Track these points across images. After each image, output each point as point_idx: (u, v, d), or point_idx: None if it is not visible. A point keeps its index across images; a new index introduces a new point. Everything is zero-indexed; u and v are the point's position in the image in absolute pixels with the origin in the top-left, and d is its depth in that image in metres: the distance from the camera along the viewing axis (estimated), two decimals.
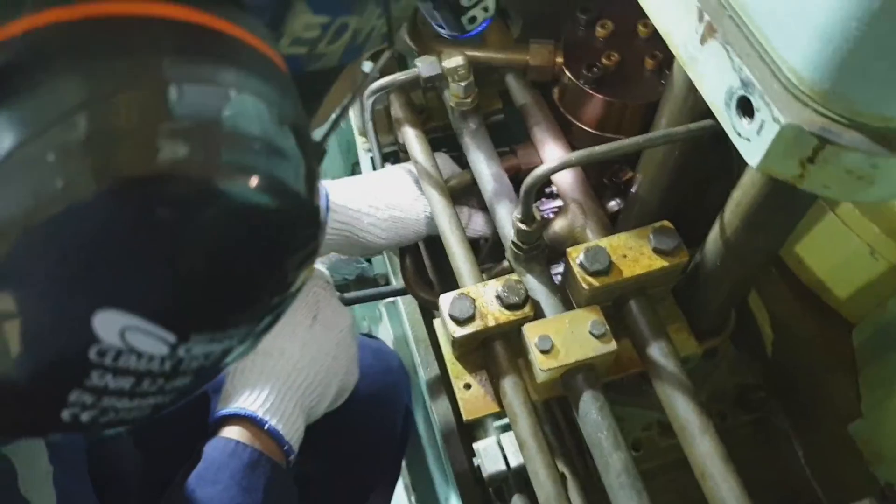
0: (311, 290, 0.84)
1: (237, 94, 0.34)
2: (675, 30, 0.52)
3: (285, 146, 0.35)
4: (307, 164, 0.37)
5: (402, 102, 0.92)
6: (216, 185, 0.32)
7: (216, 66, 0.34)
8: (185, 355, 0.36)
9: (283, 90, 0.37)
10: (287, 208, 0.35)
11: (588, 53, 0.81)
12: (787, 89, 0.42)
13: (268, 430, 0.72)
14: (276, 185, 0.34)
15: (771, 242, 0.66)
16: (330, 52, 0.44)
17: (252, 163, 0.34)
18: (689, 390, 0.68)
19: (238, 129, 0.33)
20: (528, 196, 0.66)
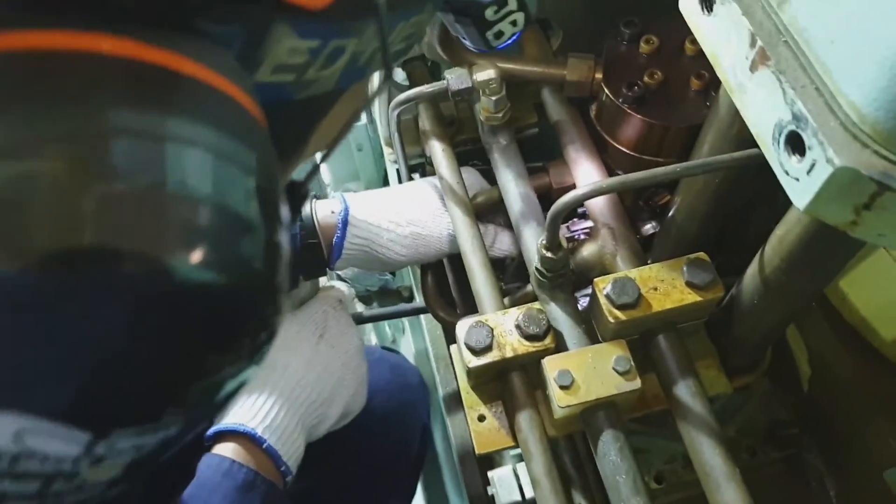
0: (321, 308, 0.82)
1: (188, 150, 0.29)
2: (723, 53, 0.48)
3: (242, 211, 0.31)
4: (268, 233, 0.32)
5: (430, 115, 0.88)
6: (151, 260, 0.28)
7: (167, 116, 0.29)
8: (107, 452, 0.31)
9: (247, 141, 0.32)
10: (238, 286, 0.30)
11: (629, 70, 0.77)
12: (844, 127, 0.38)
13: (265, 448, 0.70)
14: (227, 260, 0.30)
15: (814, 285, 0.62)
16: (323, 77, 0.39)
17: (197, 233, 0.29)
18: (715, 434, 0.64)
19: (185, 192, 0.29)
20: (554, 223, 0.63)
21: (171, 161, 0.28)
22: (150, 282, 0.28)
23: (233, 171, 0.30)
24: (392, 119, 0.86)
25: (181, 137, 0.29)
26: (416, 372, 1.11)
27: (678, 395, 0.66)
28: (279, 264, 0.33)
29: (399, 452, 1.04)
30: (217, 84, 0.31)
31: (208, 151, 0.30)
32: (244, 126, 0.32)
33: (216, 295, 0.30)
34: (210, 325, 0.31)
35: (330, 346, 0.79)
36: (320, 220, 0.82)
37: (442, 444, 1.22)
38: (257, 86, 0.35)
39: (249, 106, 0.33)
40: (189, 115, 0.30)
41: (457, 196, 0.81)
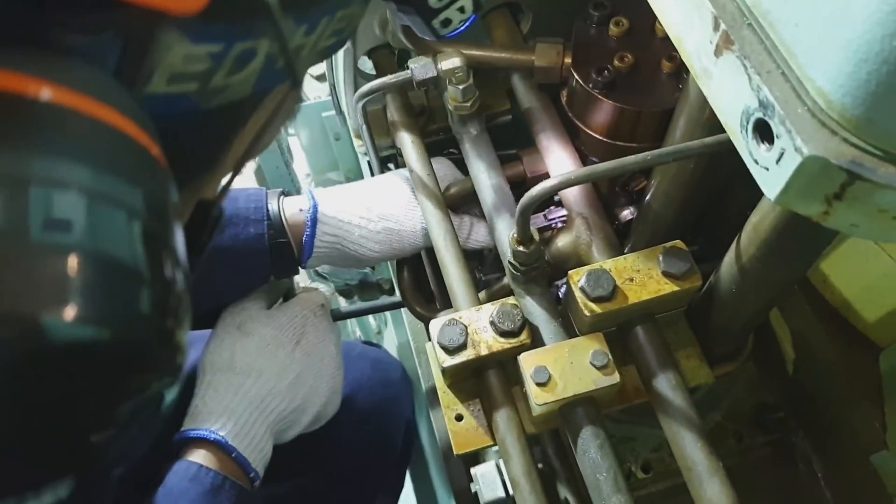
0: (302, 312, 0.80)
1: (52, 191, 0.26)
2: (687, 37, 0.46)
3: (125, 257, 0.27)
4: (156, 275, 0.29)
5: (398, 105, 0.86)
6: (18, 321, 0.24)
7: (21, 151, 0.26)
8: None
9: (127, 173, 0.28)
10: (124, 338, 0.27)
11: (599, 54, 0.75)
12: (812, 114, 0.36)
13: (235, 457, 0.69)
14: (107, 313, 0.27)
15: (791, 272, 0.60)
16: (234, 83, 0.36)
17: (69, 286, 0.25)
18: (697, 428, 0.62)
19: (51, 241, 0.25)
20: (524, 216, 0.61)
21: (33, 205, 0.25)
22: (19, 343, 0.25)
23: (111, 212, 0.27)
24: (358, 111, 0.84)
25: (46, 178, 0.26)
26: (398, 366, 1.09)
27: (658, 389, 0.65)
28: (170, 307, 0.30)
29: (383, 448, 1.03)
30: (85, 108, 0.28)
31: (79, 192, 0.26)
32: (126, 158, 0.29)
33: (101, 350, 0.27)
34: (99, 381, 0.28)
35: (306, 354, 0.77)
36: (288, 218, 0.80)
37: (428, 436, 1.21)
38: (153, 99, 0.32)
39: (133, 132, 0.29)
40: (56, 150, 0.26)
41: (428, 189, 0.79)
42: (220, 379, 0.73)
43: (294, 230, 0.79)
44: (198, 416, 0.71)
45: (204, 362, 0.76)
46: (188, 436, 0.70)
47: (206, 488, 0.66)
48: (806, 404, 0.90)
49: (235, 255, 0.75)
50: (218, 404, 0.71)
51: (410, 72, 0.76)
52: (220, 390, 0.72)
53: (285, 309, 0.80)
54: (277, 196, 0.80)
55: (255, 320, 0.77)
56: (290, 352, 0.76)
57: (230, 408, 0.71)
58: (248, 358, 0.74)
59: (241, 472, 0.70)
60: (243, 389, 0.72)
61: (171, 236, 0.31)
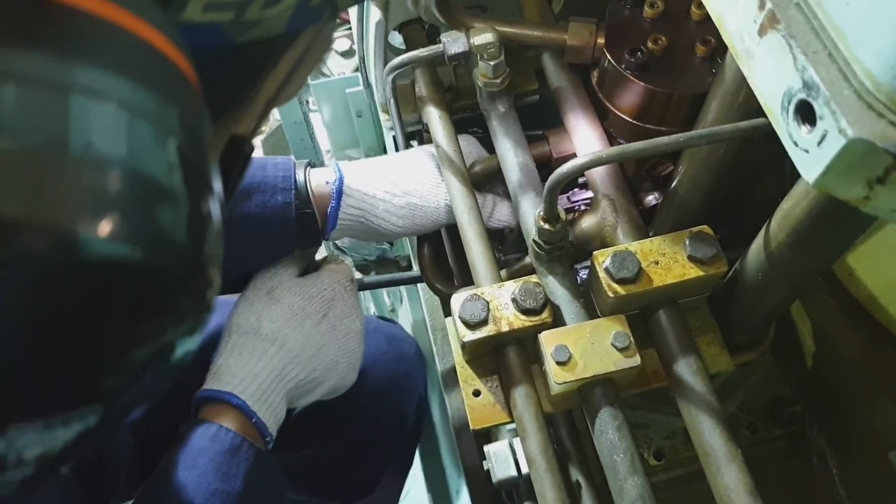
0: (332, 284, 0.80)
1: (93, 102, 0.25)
2: (729, 16, 0.45)
3: (160, 175, 0.27)
4: (193, 202, 0.28)
5: (427, 80, 0.85)
6: (53, 232, 0.24)
7: (64, 59, 0.25)
8: (8, 449, 0.28)
9: (167, 93, 0.28)
10: (158, 261, 0.27)
11: (632, 35, 0.74)
12: (859, 96, 0.36)
13: (255, 422, 0.70)
14: (143, 232, 0.26)
15: (820, 261, 0.60)
16: (268, 17, 0.34)
17: (106, 201, 0.25)
18: (716, 413, 0.62)
19: (90, 152, 0.24)
20: (551, 194, 0.60)
21: (76, 116, 0.24)
22: (53, 257, 0.24)
23: (150, 130, 0.26)
24: (387, 84, 0.83)
25: (87, 88, 0.25)
26: (412, 342, 1.10)
27: (678, 373, 0.65)
28: (207, 237, 0.29)
29: (395, 423, 1.04)
30: (127, 24, 0.27)
31: (121, 106, 0.26)
32: (164, 76, 0.28)
33: (132, 272, 0.26)
34: (126, 306, 0.27)
35: (331, 327, 0.78)
36: (314, 189, 0.80)
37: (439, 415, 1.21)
38: (187, 26, 0.31)
39: (169, 52, 0.29)
40: (93, 59, 0.25)
41: (453, 165, 0.78)
42: (245, 342, 0.73)
43: (319, 201, 0.79)
44: (221, 376, 0.72)
45: (231, 323, 0.76)
46: (210, 395, 0.71)
47: (225, 447, 0.67)
48: (824, 398, 0.89)
49: (263, 222, 0.76)
50: (241, 368, 0.72)
51: (442, 46, 0.76)
52: (244, 354, 0.73)
53: (315, 280, 0.80)
54: (304, 167, 0.80)
55: (285, 287, 0.78)
56: (316, 324, 0.77)
57: (252, 373, 0.72)
58: (274, 325, 0.75)
59: (258, 435, 0.71)
60: (267, 356, 0.73)
61: (206, 164, 0.30)
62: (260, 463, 0.70)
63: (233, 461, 0.68)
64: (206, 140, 0.30)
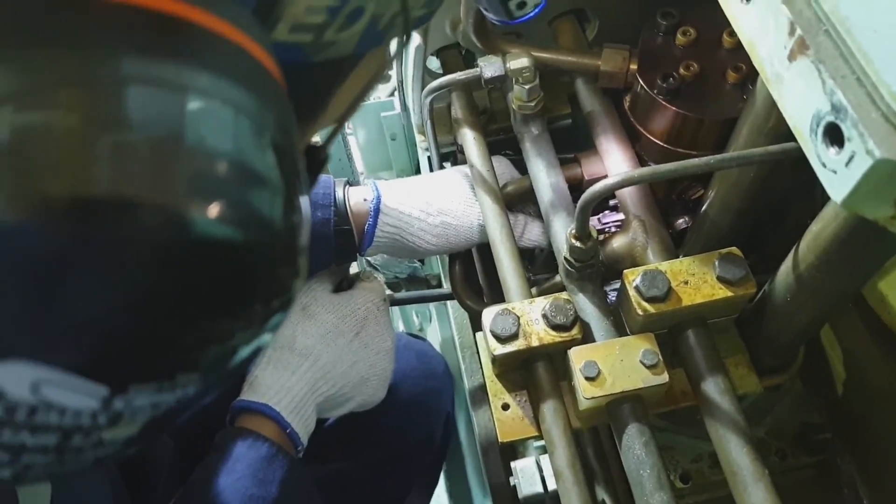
0: (365, 303, 0.82)
1: (205, 102, 0.28)
2: (760, 42, 0.47)
3: (261, 167, 0.30)
4: (287, 191, 0.31)
5: (462, 103, 0.88)
6: (168, 213, 0.27)
7: (182, 66, 0.28)
8: (125, 408, 0.31)
9: (265, 97, 0.31)
10: (256, 243, 0.30)
11: (665, 62, 0.76)
12: (886, 118, 0.37)
13: (289, 433, 0.73)
14: (245, 216, 0.29)
15: (850, 284, 0.60)
16: (341, 39, 0.38)
17: (215, 187, 0.28)
18: (744, 433, 0.63)
19: (202, 144, 0.28)
20: (584, 212, 0.62)
21: (189, 112, 0.28)
22: (167, 234, 0.27)
23: (252, 127, 0.30)
24: (425, 106, 0.86)
25: (198, 89, 0.28)
26: (441, 360, 1.11)
27: (706, 392, 0.65)
28: (299, 226, 0.32)
29: (423, 440, 1.05)
30: (234, 37, 0.30)
31: (227, 105, 0.29)
32: (262, 83, 0.31)
33: (235, 252, 0.29)
34: (227, 282, 0.30)
35: (363, 345, 0.80)
36: (353, 206, 0.82)
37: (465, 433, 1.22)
38: (275, 45, 0.34)
39: (267, 63, 0.32)
40: (206, 66, 0.29)
41: (487, 184, 0.80)
42: (280, 356, 0.76)
43: (357, 219, 0.82)
44: (258, 388, 0.74)
45: None
46: (247, 406, 0.73)
47: (262, 455, 0.69)
48: (854, 427, 0.88)
49: None
50: (276, 381, 0.74)
51: (479, 69, 0.78)
52: (279, 367, 0.75)
53: (350, 298, 0.82)
54: (343, 185, 0.82)
55: (319, 304, 0.80)
56: (349, 341, 0.79)
57: (287, 385, 0.74)
58: (308, 341, 0.77)
59: (291, 444, 0.73)
60: (301, 370, 0.75)
61: (298, 162, 0.33)
62: (295, 472, 0.72)
63: (269, 468, 0.69)
64: (295, 141, 0.33)
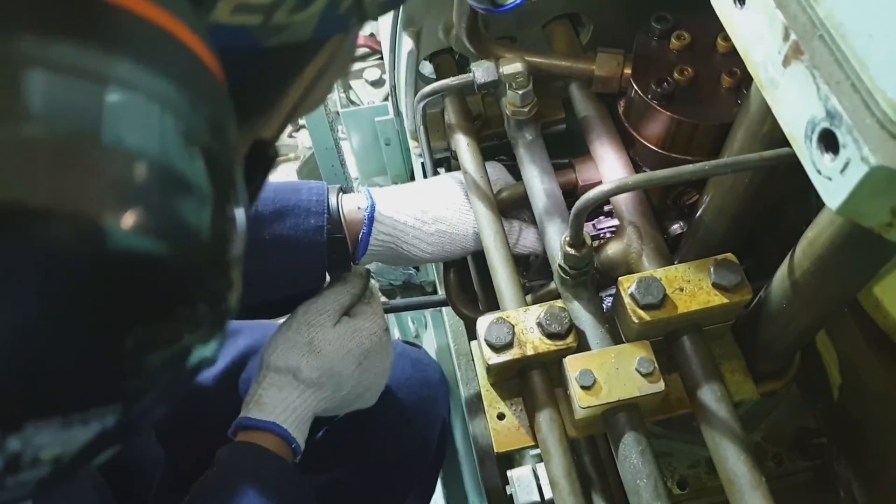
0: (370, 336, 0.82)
1: (126, 95, 0.24)
2: (754, 48, 0.46)
3: (187, 172, 0.26)
4: (217, 198, 0.27)
5: (456, 108, 0.87)
6: (79, 221, 0.23)
7: (98, 51, 0.24)
8: (24, 447, 0.26)
9: (196, 91, 0.27)
10: (181, 258, 0.26)
11: (659, 67, 0.75)
12: (881, 125, 0.37)
13: (294, 448, 0.75)
14: (169, 227, 0.25)
15: (845, 290, 0.60)
16: (296, 22, 0.34)
17: (134, 193, 0.24)
18: (741, 440, 0.62)
19: (120, 144, 0.24)
20: (578, 219, 0.61)
21: (107, 106, 0.24)
22: (74, 246, 0.23)
23: (179, 126, 0.26)
24: (417, 112, 0.85)
25: (117, 79, 0.24)
26: (437, 368, 1.10)
27: (702, 400, 0.65)
28: (230, 238, 0.29)
29: (418, 448, 1.04)
30: (159, 20, 0.26)
31: (151, 100, 0.25)
32: (194, 74, 0.28)
33: (155, 266, 0.25)
34: (144, 302, 0.26)
35: (364, 371, 0.81)
36: (346, 214, 0.81)
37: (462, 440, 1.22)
38: (215, 28, 0.31)
39: (200, 51, 0.28)
40: (126, 52, 0.25)
41: (481, 191, 0.80)
42: (284, 381, 0.77)
43: (350, 227, 0.81)
44: (264, 407, 0.76)
45: (270, 361, 0.79)
46: (254, 424, 0.75)
47: (265, 467, 0.71)
48: (850, 431, 0.88)
49: (295, 244, 0.78)
50: (281, 402, 0.76)
51: (472, 74, 0.78)
52: (283, 390, 0.77)
53: (354, 332, 0.82)
54: (337, 192, 0.82)
55: (325, 340, 0.80)
56: (352, 371, 0.80)
57: (293, 406, 0.76)
58: (313, 375, 0.78)
59: (293, 457, 0.76)
60: (305, 395, 0.77)
61: (233, 166, 0.30)
62: (297, 484, 0.73)
63: (272, 480, 0.71)
64: (232, 142, 0.30)
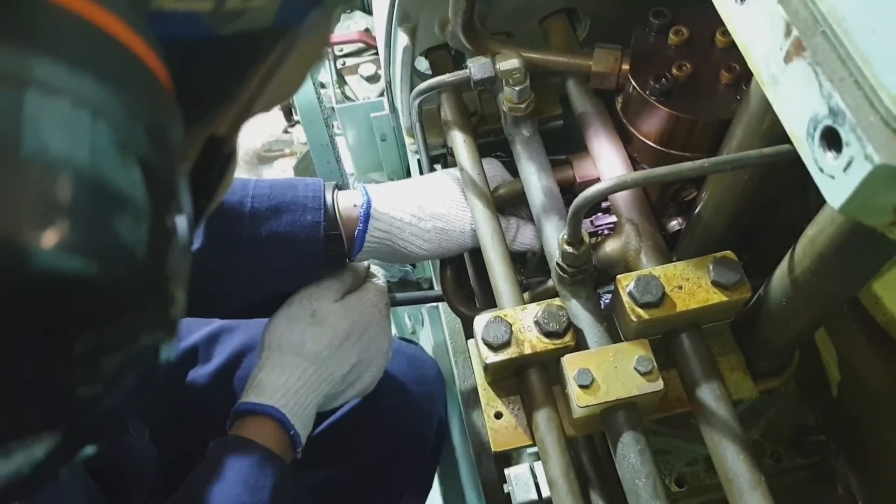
0: (370, 309, 0.82)
1: (50, 100, 0.22)
2: (755, 44, 0.46)
3: (121, 184, 0.24)
4: (156, 214, 0.25)
5: (452, 105, 0.87)
6: None
7: (17, 51, 0.22)
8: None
9: (132, 94, 0.25)
10: (113, 277, 0.24)
11: (657, 62, 0.75)
12: (885, 122, 0.36)
13: (292, 435, 0.74)
14: (98, 244, 0.23)
15: (845, 288, 0.59)
16: (252, 7, 0.31)
17: (62, 209, 0.22)
18: (740, 439, 0.62)
19: (43, 154, 0.22)
20: (576, 217, 0.61)
21: (30, 113, 0.22)
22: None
23: (112, 133, 0.24)
24: (413, 108, 0.85)
25: (45, 83, 0.22)
26: (433, 364, 1.10)
27: (701, 398, 0.64)
28: (169, 251, 0.27)
29: (415, 445, 1.04)
30: (91, 15, 0.24)
31: (81, 106, 0.23)
32: (130, 74, 0.25)
33: (85, 287, 0.23)
34: (76, 325, 0.24)
35: (365, 346, 0.81)
36: (342, 211, 0.81)
37: (459, 438, 1.21)
38: (160, 16, 0.29)
39: (137, 47, 0.26)
40: (57, 54, 0.23)
41: (477, 188, 0.79)
42: (287, 360, 0.76)
43: (347, 224, 0.80)
44: (263, 390, 0.75)
45: (271, 339, 0.79)
46: (252, 408, 0.74)
47: (253, 462, 0.70)
48: (849, 428, 0.88)
49: (291, 240, 0.77)
50: (283, 384, 0.75)
51: (469, 71, 0.77)
52: (285, 371, 0.76)
53: (356, 305, 0.82)
54: (333, 189, 0.81)
55: (329, 311, 0.80)
56: (353, 344, 0.80)
57: (293, 389, 0.75)
58: (316, 347, 0.77)
59: (291, 447, 0.75)
60: (307, 374, 0.76)
61: (173, 173, 0.27)
62: (286, 478, 0.72)
63: (260, 475, 0.69)
64: (174, 145, 0.28)
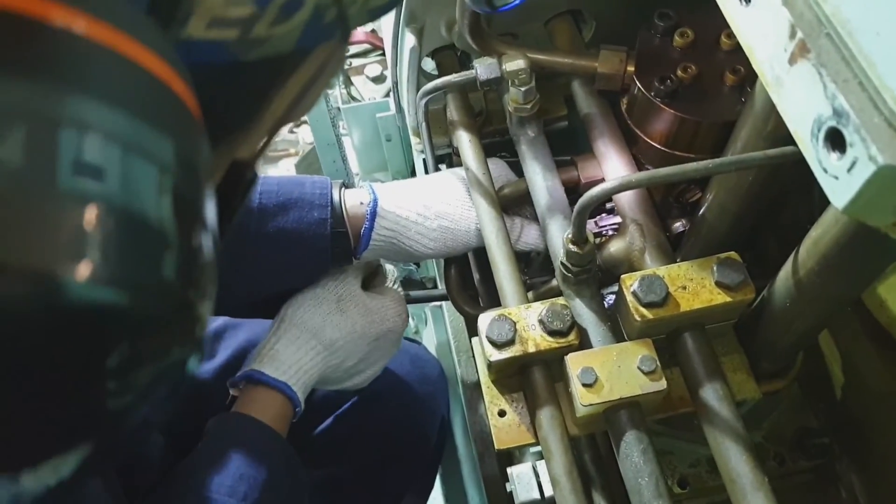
0: (394, 316, 0.83)
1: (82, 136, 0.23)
2: (760, 45, 0.46)
3: (154, 218, 0.25)
4: (184, 241, 0.26)
5: (458, 105, 0.87)
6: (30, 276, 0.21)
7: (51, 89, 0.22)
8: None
9: (164, 127, 0.26)
10: (144, 306, 0.25)
11: (663, 64, 0.75)
12: (889, 124, 0.36)
13: (297, 411, 0.75)
14: (129, 276, 0.24)
15: (850, 289, 0.60)
16: (277, 35, 0.32)
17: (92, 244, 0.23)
18: (743, 440, 0.62)
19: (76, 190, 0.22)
20: (580, 217, 0.61)
21: (64, 151, 0.22)
22: (29, 303, 0.22)
23: (143, 166, 0.24)
24: (420, 108, 0.85)
25: (78, 120, 0.23)
26: (436, 364, 1.10)
27: (704, 399, 0.65)
28: (198, 274, 0.27)
29: (417, 444, 1.04)
30: (122, 48, 0.24)
31: (113, 141, 0.24)
32: (160, 105, 0.26)
33: (117, 317, 0.24)
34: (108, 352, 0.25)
35: (375, 348, 0.82)
36: (349, 209, 0.81)
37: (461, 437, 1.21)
38: (189, 44, 0.30)
39: (166, 76, 0.26)
40: (88, 90, 0.23)
41: (482, 188, 0.79)
42: (304, 338, 0.77)
43: (353, 222, 0.81)
44: (274, 361, 0.75)
45: (294, 314, 0.79)
46: (265, 380, 0.74)
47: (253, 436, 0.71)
48: (853, 431, 0.88)
49: (298, 237, 0.78)
50: (296, 360, 0.76)
51: (475, 71, 0.77)
52: (301, 348, 0.77)
53: (382, 305, 0.83)
54: (339, 187, 0.82)
55: (354, 301, 0.81)
56: (367, 343, 0.81)
57: (305, 367, 0.76)
58: (335, 335, 0.78)
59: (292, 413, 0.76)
60: (319, 357, 0.77)
61: (201, 199, 0.28)
62: (286, 454, 0.73)
63: (260, 449, 0.71)
64: (202, 172, 0.28)
